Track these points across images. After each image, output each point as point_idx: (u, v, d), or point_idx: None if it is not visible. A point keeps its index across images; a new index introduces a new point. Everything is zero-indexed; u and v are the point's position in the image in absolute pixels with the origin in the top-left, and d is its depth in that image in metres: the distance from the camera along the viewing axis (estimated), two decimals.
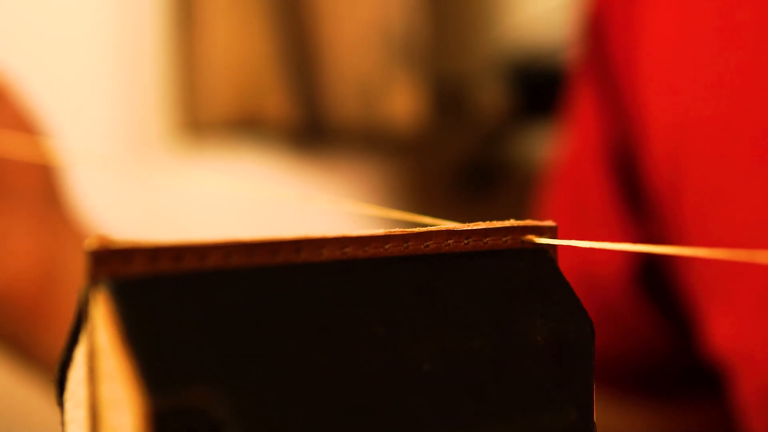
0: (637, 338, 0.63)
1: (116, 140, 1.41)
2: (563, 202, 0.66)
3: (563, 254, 0.62)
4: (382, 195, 1.43)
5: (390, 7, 1.34)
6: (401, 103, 1.35)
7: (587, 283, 0.62)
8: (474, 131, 1.45)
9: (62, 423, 0.30)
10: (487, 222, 0.32)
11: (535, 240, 0.33)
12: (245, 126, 1.35)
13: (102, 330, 0.27)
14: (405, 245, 0.31)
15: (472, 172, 1.45)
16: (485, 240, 0.32)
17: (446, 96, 1.45)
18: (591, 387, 0.32)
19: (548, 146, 1.45)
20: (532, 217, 0.68)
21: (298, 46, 1.35)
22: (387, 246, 0.31)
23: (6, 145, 0.45)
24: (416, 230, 0.31)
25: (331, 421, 0.27)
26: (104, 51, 1.39)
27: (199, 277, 0.28)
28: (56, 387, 0.30)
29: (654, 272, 0.61)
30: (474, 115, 1.44)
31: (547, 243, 0.33)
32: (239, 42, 1.35)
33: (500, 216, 0.36)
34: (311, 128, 1.33)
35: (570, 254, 0.63)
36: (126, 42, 1.39)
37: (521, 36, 1.50)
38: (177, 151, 1.38)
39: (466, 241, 0.32)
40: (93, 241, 0.27)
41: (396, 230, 0.31)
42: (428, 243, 0.31)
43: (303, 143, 1.37)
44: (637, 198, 0.61)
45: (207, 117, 1.35)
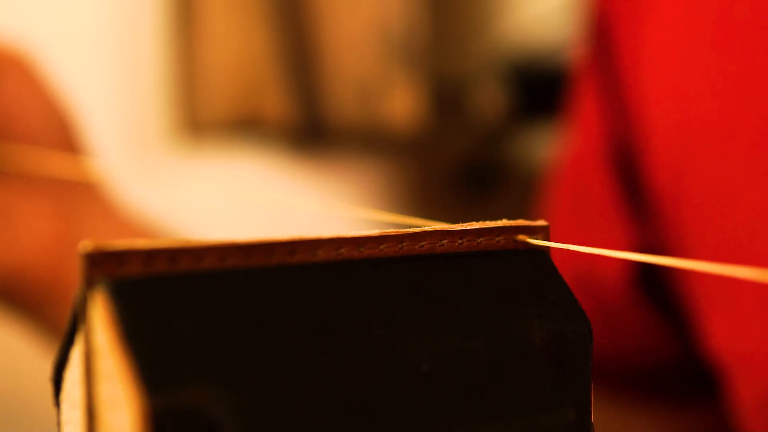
0: (637, 338, 0.63)
1: (115, 140, 1.41)
2: (566, 201, 0.66)
3: (562, 252, 0.62)
4: (381, 195, 1.43)
5: (389, 7, 1.34)
6: (400, 104, 1.35)
7: (586, 282, 0.62)
8: (473, 131, 1.45)
9: (58, 423, 0.30)
10: (480, 222, 0.32)
11: (528, 240, 0.33)
12: (244, 126, 1.35)
13: (100, 330, 0.27)
14: (400, 246, 0.31)
15: (471, 173, 1.45)
16: (479, 240, 0.32)
17: (445, 96, 1.46)
18: (589, 387, 0.32)
19: (548, 146, 1.45)
20: (534, 216, 0.68)
21: (298, 47, 1.35)
22: (382, 247, 0.31)
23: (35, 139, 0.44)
24: (411, 230, 0.31)
25: (329, 422, 0.27)
26: (104, 51, 1.39)
27: (196, 279, 0.28)
28: (53, 387, 0.30)
29: (653, 272, 0.61)
30: (473, 116, 1.44)
31: (540, 244, 0.33)
32: (238, 42, 1.35)
33: (499, 216, 0.36)
34: (311, 128, 1.33)
35: (568, 252, 0.63)
36: (125, 42, 1.39)
37: (521, 36, 1.50)
38: (176, 152, 1.38)
39: (461, 241, 0.32)
40: (87, 244, 0.27)
41: (391, 231, 0.31)
42: (423, 243, 0.31)
43: (302, 143, 1.37)
44: (639, 198, 0.61)
45: (206, 117, 1.35)
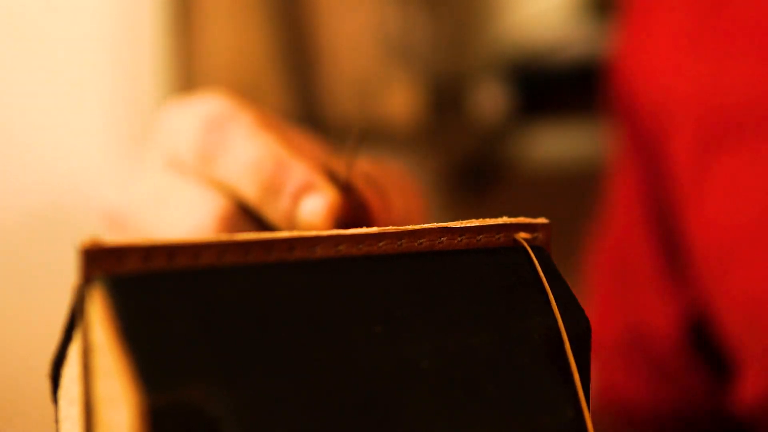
0: (690, 393, 0.64)
1: (114, 138, 1.41)
2: (609, 265, 0.67)
3: (610, 311, 0.63)
4: None
5: (388, 7, 1.34)
6: (399, 102, 1.34)
7: (637, 341, 0.63)
8: (472, 130, 1.45)
9: (56, 420, 0.30)
10: (480, 219, 0.32)
11: (527, 238, 0.33)
12: None
13: (98, 327, 0.27)
14: (398, 243, 0.31)
15: (470, 171, 1.45)
16: (478, 237, 0.32)
17: (444, 94, 1.45)
18: (588, 384, 0.32)
19: (547, 147, 1.45)
20: (581, 283, 0.69)
21: (297, 45, 1.35)
22: (381, 244, 0.31)
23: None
24: (409, 228, 0.31)
25: (328, 418, 0.27)
26: (103, 48, 1.39)
27: (194, 275, 0.28)
28: (51, 384, 0.30)
29: (702, 331, 0.62)
30: (472, 114, 1.44)
31: (539, 242, 0.33)
32: (238, 40, 1.35)
33: (498, 214, 0.36)
34: (309, 126, 1.32)
35: (619, 312, 0.65)
36: (124, 40, 1.39)
37: (521, 35, 1.50)
38: None
39: (460, 239, 0.32)
40: (85, 241, 0.27)
41: (389, 228, 0.31)
42: (421, 240, 0.31)
43: None
44: (679, 259, 0.62)
45: None
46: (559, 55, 1.41)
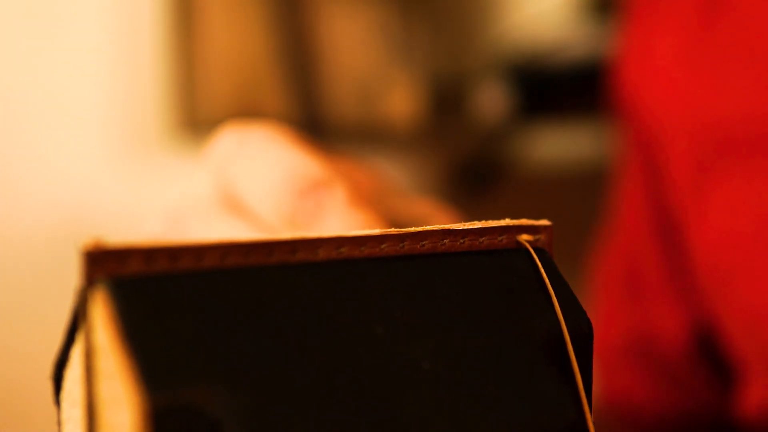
0: (697, 398, 0.64)
1: (115, 138, 1.41)
2: (617, 268, 0.67)
3: (619, 317, 0.63)
4: None
5: (389, 8, 1.34)
6: (399, 102, 1.35)
7: (645, 345, 0.63)
8: (472, 131, 1.45)
9: (59, 422, 0.30)
10: (483, 221, 0.32)
11: (530, 240, 0.33)
12: None
13: (100, 329, 0.27)
14: (401, 245, 0.31)
15: (470, 172, 1.45)
16: (481, 239, 0.32)
17: (445, 95, 1.45)
18: (589, 386, 0.32)
19: (548, 147, 1.45)
20: (587, 288, 0.69)
21: (297, 45, 1.35)
22: (383, 246, 0.31)
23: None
24: (412, 230, 0.31)
25: (331, 419, 0.27)
26: (103, 50, 1.39)
27: (197, 277, 0.28)
28: (53, 386, 0.30)
29: (708, 339, 0.62)
30: (472, 115, 1.44)
31: (542, 244, 0.33)
32: (238, 40, 1.35)
33: (498, 215, 0.36)
34: (309, 126, 1.33)
35: (626, 316, 0.65)
36: (125, 40, 1.39)
37: (521, 36, 1.50)
38: (175, 150, 1.38)
39: (462, 241, 0.32)
40: (88, 242, 0.27)
41: (392, 230, 0.31)
42: (424, 242, 0.31)
43: None
44: (685, 266, 0.62)
45: (206, 115, 1.35)
46: (560, 56, 1.41)
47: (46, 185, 1.40)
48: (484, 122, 1.44)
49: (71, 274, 0.30)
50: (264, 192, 0.39)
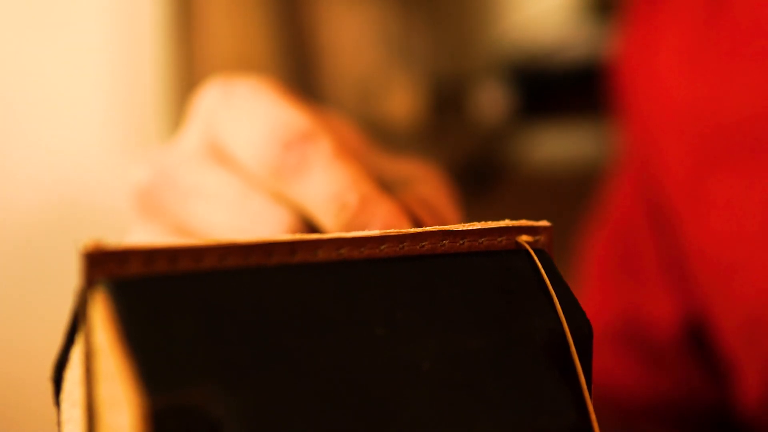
0: (681, 384, 0.64)
1: (115, 138, 1.41)
2: (608, 252, 0.67)
3: (610, 299, 0.62)
4: None
5: (389, 8, 1.34)
6: (400, 103, 1.35)
7: (635, 329, 0.63)
8: (473, 131, 1.45)
9: (59, 423, 0.30)
10: (483, 222, 0.32)
11: (529, 241, 0.33)
12: None
13: (100, 330, 0.27)
14: (400, 246, 0.31)
15: (471, 172, 1.45)
16: (481, 240, 0.32)
17: (445, 96, 1.46)
18: (589, 387, 0.32)
19: (548, 148, 1.45)
20: (579, 270, 0.69)
21: (297, 45, 1.35)
22: (383, 247, 0.31)
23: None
24: (412, 231, 0.31)
25: (331, 420, 0.27)
26: (103, 49, 1.39)
27: (196, 278, 0.28)
28: (53, 387, 0.30)
29: (700, 323, 0.62)
30: (473, 115, 1.45)
31: (541, 245, 0.33)
32: (238, 41, 1.35)
33: (498, 216, 0.36)
34: None
35: (617, 300, 0.65)
36: (125, 40, 1.39)
37: (521, 36, 1.50)
38: None
39: (462, 242, 0.32)
40: (87, 244, 0.27)
41: (391, 231, 0.31)
42: (424, 244, 0.31)
43: None
44: (678, 256, 0.62)
45: None
46: (560, 56, 1.41)
47: (47, 183, 1.40)
48: (484, 122, 1.44)
49: (70, 270, 0.30)
50: (250, 143, 0.39)
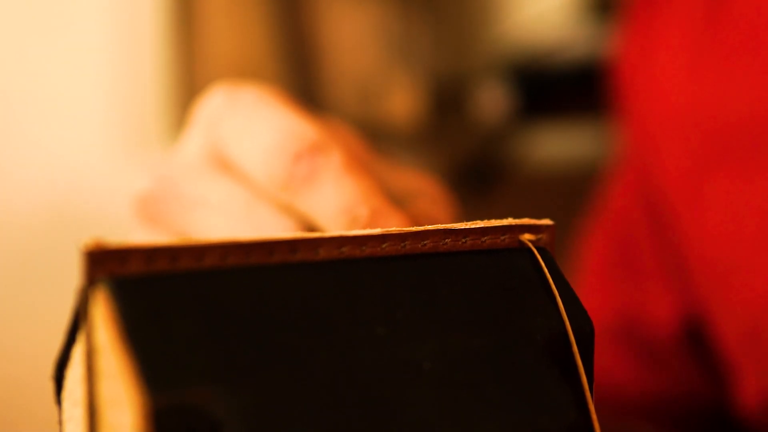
0: (679, 383, 0.64)
1: (115, 140, 1.41)
2: (607, 249, 0.67)
3: (608, 297, 0.62)
4: None
5: (390, 8, 1.34)
6: (400, 103, 1.35)
7: (633, 326, 0.63)
8: (473, 131, 1.45)
9: (60, 422, 0.30)
10: (485, 221, 0.32)
11: (532, 239, 0.33)
12: None
13: (101, 329, 0.27)
14: (402, 244, 0.31)
15: (471, 172, 1.45)
16: (483, 239, 0.32)
17: (445, 95, 1.46)
18: (591, 386, 0.32)
19: (548, 147, 1.45)
20: (575, 265, 0.69)
21: (298, 45, 1.35)
22: (384, 245, 0.31)
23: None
24: (413, 229, 0.31)
25: (332, 420, 0.27)
26: (103, 49, 1.39)
27: (197, 277, 0.28)
28: (54, 386, 0.30)
29: (699, 322, 0.62)
30: (473, 115, 1.45)
31: (543, 243, 0.33)
32: (239, 41, 1.35)
33: (498, 215, 0.36)
34: None
35: (615, 296, 0.65)
36: (125, 40, 1.39)
37: (521, 36, 1.50)
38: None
39: (464, 240, 0.32)
40: (88, 242, 0.27)
41: (393, 229, 0.31)
42: (425, 242, 0.31)
43: None
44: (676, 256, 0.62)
45: None
46: (560, 56, 1.41)
47: (48, 184, 1.40)
48: (485, 122, 1.44)
49: (70, 270, 0.30)
50: (256, 153, 0.38)
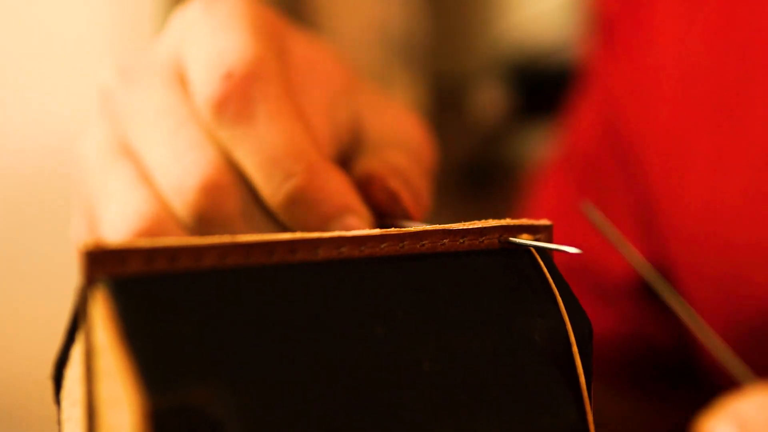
0: (636, 327, 0.63)
1: None
2: (570, 190, 0.66)
3: (567, 239, 0.61)
4: None
5: (390, 7, 1.34)
6: (400, 102, 1.34)
7: (590, 269, 0.62)
8: (473, 130, 1.45)
9: (59, 421, 0.30)
10: (483, 221, 0.32)
11: (530, 240, 0.33)
12: None
13: (101, 328, 0.27)
14: (401, 245, 0.31)
15: (471, 172, 1.45)
16: (481, 239, 0.32)
17: (445, 95, 1.46)
18: (589, 386, 0.32)
19: (548, 146, 1.45)
20: (528, 205, 0.68)
21: None
22: (383, 246, 0.31)
23: None
24: (412, 229, 0.31)
25: (330, 420, 0.27)
26: (103, 49, 1.39)
27: (196, 277, 0.28)
28: (53, 385, 0.30)
29: (657, 265, 0.61)
30: (473, 115, 1.45)
31: (539, 239, 0.33)
32: None
33: (498, 215, 0.36)
34: None
35: (576, 238, 0.64)
36: (124, 41, 1.39)
37: (521, 36, 1.50)
38: None
39: (462, 240, 0.32)
40: (88, 242, 0.27)
41: (392, 230, 0.31)
42: (424, 242, 0.31)
43: None
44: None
45: None
46: (560, 56, 1.41)
47: (47, 182, 1.40)
48: (484, 122, 1.44)
49: (73, 272, 0.30)
50: (195, 68, 0.36)
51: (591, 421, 0.31)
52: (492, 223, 0.32)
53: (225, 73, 0.34)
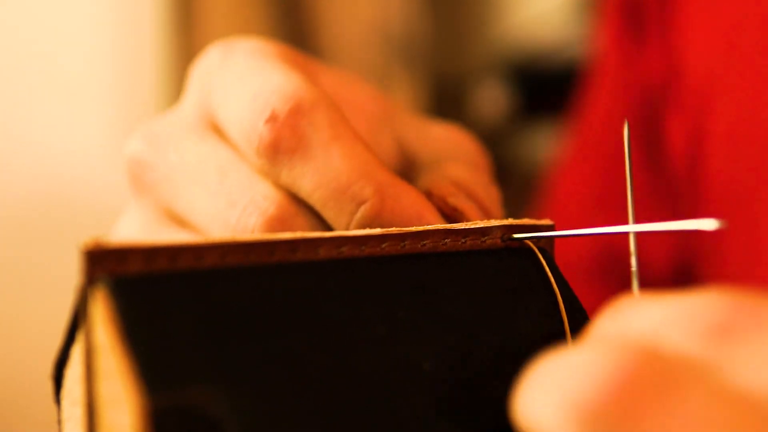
0: None
1: (115, 137, 1.41)
2: (593, 181, 0.66)
3: (585, 237, 0.60)
4: None
5: (390, 7, 1.34)
6: (400, 101, 1.34)
7: (614, 265, 0.62)
8: (472, 130, 1.45)
9: (59, 421, 0.30)
10: (484, 221, 0.32)
11: (530, 238, 0.33)
12: None
13: (101, 328, 0.27)
14: (402, 244, 0.31)
15: None
16: (483, 239, 0.32)
17: (445, 95, 1.46)
18: None
19: (548, 144, 1.45)
20: (541, 200, 0.68)
21: (298, 45, 1.35)
22: (384, 245, 0.31)
23: None
24: (413, 229, 0.31)
25: (331, 419, 0.27)
26: (103, 48, 1.39)
27: (196, 276, 0.28)
28: (53, 385, 0.30)
29: (690, 268, 0.61)
30: (473, 115, 1.44)
31: (543, 243, 0.33)
32: (239, 36, 1.35)
33: (499, 216, 0.36)
34: None
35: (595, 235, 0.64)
36: (125, 40, 1.39)
37: (521, 35, 1.50)
38: None
39: (464, 240, 0.32)
40: (88, 242, 0.27)
41: (393, 229, 0.31)
42: (425, 242, 0.31)
43: None
44: (661, 172, 0.61)
45: None
46: (560, 56, 1.41)
47: (47, 182, 1.40)
48: (484, 121, 1.44)
49: (73, 272, 0.30)
50: (234, 113, 0.34)
51: None
52: (494, 223, 0.32)
53: (269, 116, 0.33)
